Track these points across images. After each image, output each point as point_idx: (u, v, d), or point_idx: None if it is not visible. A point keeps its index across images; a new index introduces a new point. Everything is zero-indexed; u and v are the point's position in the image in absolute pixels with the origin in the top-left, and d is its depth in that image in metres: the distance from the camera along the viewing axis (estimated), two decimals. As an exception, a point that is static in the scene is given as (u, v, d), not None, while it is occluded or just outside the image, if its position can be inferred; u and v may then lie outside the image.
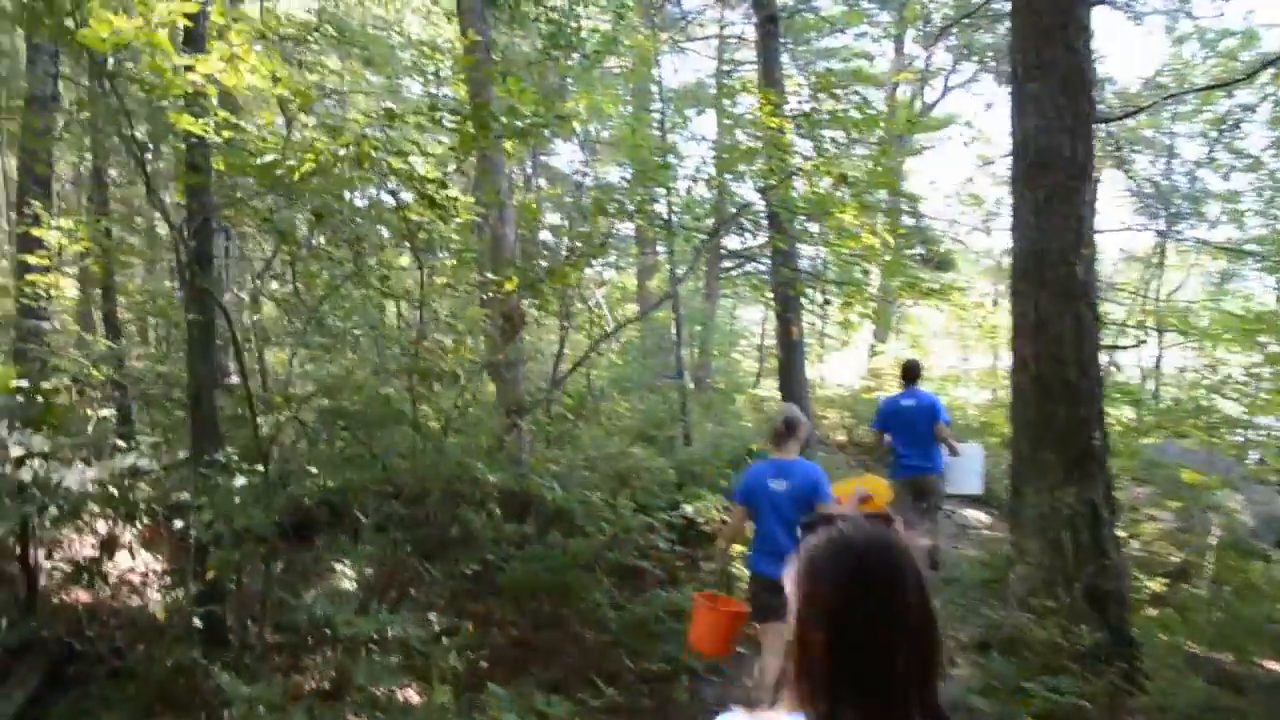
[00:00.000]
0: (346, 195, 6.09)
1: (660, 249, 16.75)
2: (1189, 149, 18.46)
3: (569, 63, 8.45)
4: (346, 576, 6.17)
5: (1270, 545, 8.07)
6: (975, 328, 19.07)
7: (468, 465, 5.01)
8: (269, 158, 4.50)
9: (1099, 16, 5.34)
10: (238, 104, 8.91)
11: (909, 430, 7.52)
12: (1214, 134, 17.97)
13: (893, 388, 19.00)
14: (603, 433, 10.66)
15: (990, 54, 20.00)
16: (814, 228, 8.79)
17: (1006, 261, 23.17)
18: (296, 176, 4.42)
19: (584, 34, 7.92)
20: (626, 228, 18.62)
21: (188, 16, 5.27)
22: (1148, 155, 19.08)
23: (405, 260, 7.54)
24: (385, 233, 6.86)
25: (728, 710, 1.48)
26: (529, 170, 18.58)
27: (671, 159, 9.02)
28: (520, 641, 6.37)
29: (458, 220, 5.45)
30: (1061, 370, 4.99)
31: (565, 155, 22.29)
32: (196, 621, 5.12)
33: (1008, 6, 5.65)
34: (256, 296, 9.69)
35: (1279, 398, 11.26)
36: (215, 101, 4.96)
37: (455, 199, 5.15)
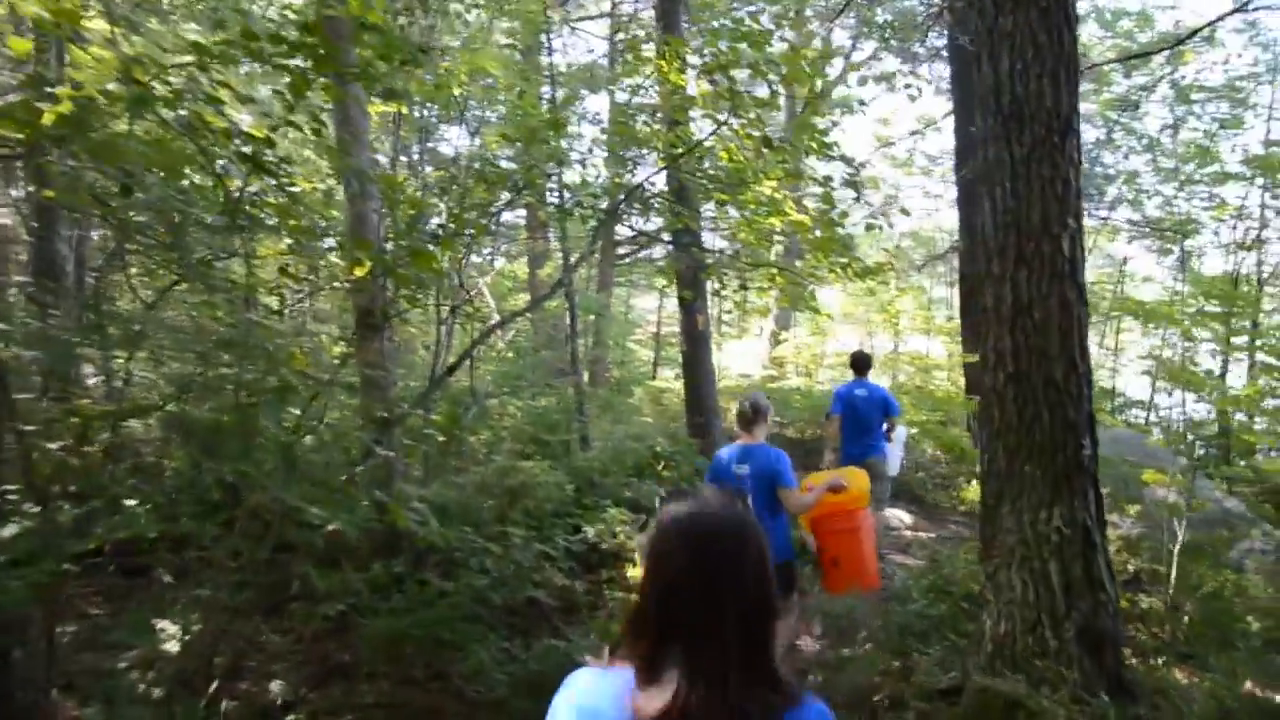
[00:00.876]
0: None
1: (552, 235, 15.71)
2: (1088, 131, 18.45)
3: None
4: (169, 636, 4.97)
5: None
6: (880, 312, 18.64)
7: (300, 510, 3.85)
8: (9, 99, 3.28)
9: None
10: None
11: (858, 420, 7.61)
12: (1112, 115, 18.11)
13: (794, 378, 18.55)
14: (491, 436, 9.54)
15: (888, 33, 19.53)
16: (731, 211, 7.83)
17: (905, 244, 22.98)
18: (53, 122, 3.21)
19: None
20: (518, 214, 17.49)
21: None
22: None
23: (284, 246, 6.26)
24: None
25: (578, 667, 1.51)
26: (416, 156, 17.27)
27: (562, 139, 7.98)
28: (390, 704, 5.26)
29: (295, 188, 4.28)
30: (1046, 366, 4.08)
31: (455, 141, 20.99)
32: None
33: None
34: (98, 292, 8.22)
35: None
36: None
37: (284, 160, 4.01)
